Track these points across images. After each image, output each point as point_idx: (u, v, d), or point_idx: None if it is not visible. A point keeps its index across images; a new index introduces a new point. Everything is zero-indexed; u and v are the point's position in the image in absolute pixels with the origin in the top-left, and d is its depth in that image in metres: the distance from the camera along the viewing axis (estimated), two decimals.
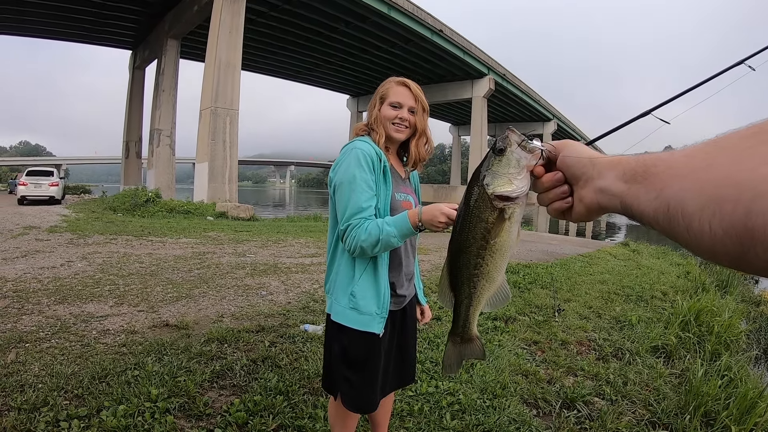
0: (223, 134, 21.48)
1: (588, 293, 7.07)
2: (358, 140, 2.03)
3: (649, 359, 4.43)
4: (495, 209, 0.86)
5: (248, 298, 5.82)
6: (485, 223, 0.87)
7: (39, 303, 5.12)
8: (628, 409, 3.49)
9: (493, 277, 0.96)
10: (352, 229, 1.89)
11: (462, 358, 1.30)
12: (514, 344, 4.54)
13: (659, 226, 0.56)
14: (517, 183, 0.82)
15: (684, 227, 0.51)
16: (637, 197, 0.60)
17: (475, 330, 1.16)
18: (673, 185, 0.53)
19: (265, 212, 30.44)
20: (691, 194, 0.50)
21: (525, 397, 3.53)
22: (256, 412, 2.99)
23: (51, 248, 8.94)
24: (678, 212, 0.51)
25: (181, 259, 8.48)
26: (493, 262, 0.92)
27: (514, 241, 0.90)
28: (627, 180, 0.63)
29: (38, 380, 3.21)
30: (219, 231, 13.36)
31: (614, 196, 0.65)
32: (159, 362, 3.58)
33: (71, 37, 34.30)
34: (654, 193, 0.56)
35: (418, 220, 1.84)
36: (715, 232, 0.46)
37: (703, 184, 0.49)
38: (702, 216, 0.48)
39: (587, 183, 0.72)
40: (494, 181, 0.84)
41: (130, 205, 18.97)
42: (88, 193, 34.87)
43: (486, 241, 0.89)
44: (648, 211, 0.57)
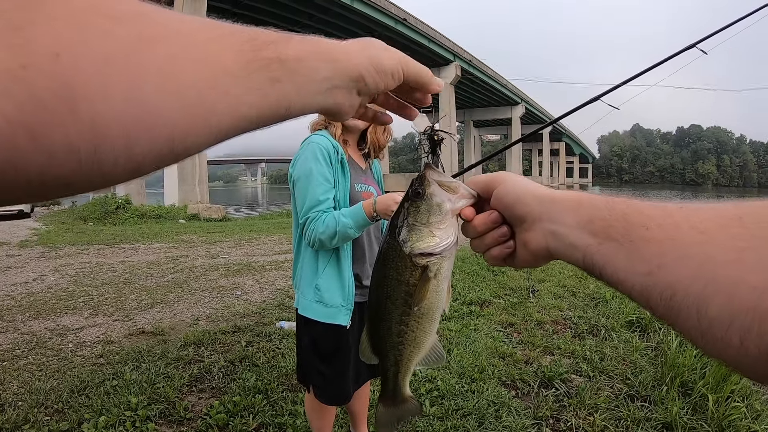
0: None
1: (562, 272, 7.21)
2: (314, 135, 2.09)
3: (624, 334, 4.57)
4: (417, 268, 0.70)
5: (223, 299, 5.87)
6: (406, 286, 0.72)
7: (14, 320, 5.10)
8: (605, 384, 3.61)
9: (421, 342, 0.80)
10: (311, 222, 1.95)
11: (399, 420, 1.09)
12: (490, 327, 4.65)
13: (648, 305, 0.45)
14: (440, 234, 0.69)
15: (698, 329, 0.40)
16: (613, 260, 0.48)
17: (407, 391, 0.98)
18: (682, 270, 0.42)
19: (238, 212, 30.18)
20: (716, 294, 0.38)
21: (503, 379, 3.63)
22: (237, 413, 3.05)
23: (22, 263, 8.82)
24: (690, 309, 0.40)
25: (154, 264, 8.45)
26: (420, 327, 0.77)
27: (443, 301, 0.75)
28: (596, 233, 0.51)
29: (18, 398, 3.23)
30: (191, 233, 13.28)
31: (574, 248, 0.53)
32: (137, 370, 3.62)
33: None
34: (644, 266, 0.45)
35: (373, 210, 1.90)
36: (748, 348, 0.37)
37: (735, 284, 0.37)
38: (731, 326, 0.37)
39: (534, 225, 0.59)
40: (412, 235, 0.70)
41: (101, 214, 18.69)
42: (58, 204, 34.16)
43: (409, 306, 0.73)
44: (633, 285, 0.46)
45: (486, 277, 6.80)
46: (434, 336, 0.82)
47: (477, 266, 7.41)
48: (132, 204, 20.08)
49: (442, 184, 0.70)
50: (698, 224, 0.42)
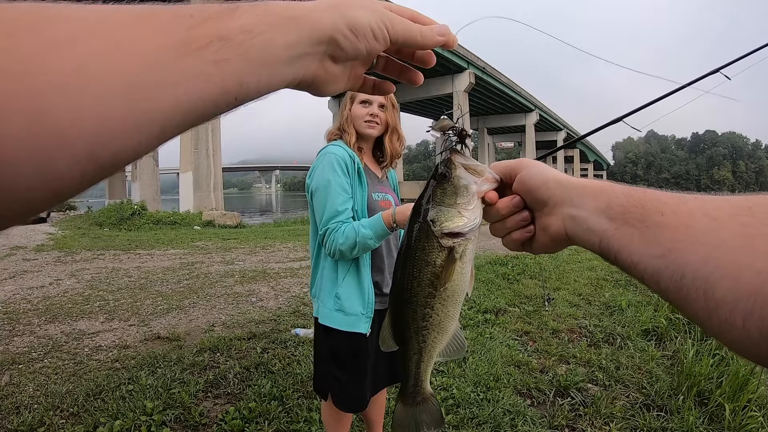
0: (206, 143, 21.38)
1: (577, 281, 7.15)
2: (331, 145, 2.07)
3: (640, 343, 4.50)
4: (443, 249, 0.72)
5: (238, 306, 5.85)
6: (433, 267, 0.73)
7: (30, 323, 5.12)
8: (621, 393, 3.55)
9: (446, 327, 0.80)
10: (330, 233, 1.94)
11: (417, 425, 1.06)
12: (506, 336, 4.60)
13: (658, 288, 0.47)
14: (468, 215, 0.70)
15: (704, 311, 0.42)
16: (629, 244, 0.50)
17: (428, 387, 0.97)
18: (693, 254, 0.43)
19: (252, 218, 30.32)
20: (723, 277, 0.40)
21: (518, 388, 3.58)
22: (252, 419, 3.03)
23: (39, 267, 8.89)
24: (698, 290, 0.42)
25: (169, 270, 8.48)
26: (444, 311, 0.77)
27: (467, 283, 0.76)
28: (614, 218, 0.52)
29: (33, 401, 3.23)
30: (206, 240, 13.33)
31: (592, 232, 0.54)
32: (152, 375, 3.61)
33: None
34: (659, 249, 0.46)
35: (392, 220, 1.88)
36: (749, 329, 0.38)
37: (741, 268, 0.39)
38: (735, 308, 0.39)
39: (554, 209, 0.61)
40: (440, 216, 0.71)
41: (116, 219, 18.83)
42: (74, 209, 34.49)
43: (435, 287, 0.74)
44: (645, 268, 0.48)
45: (501, 285, 6.74)
46: (457, 323, 0.82)
47: (492, 274, 7.37)
48: (147, 210, 20.23)
49: (467, 167, 0.71)
50: (711, 212, 0.44)
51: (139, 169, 27.46)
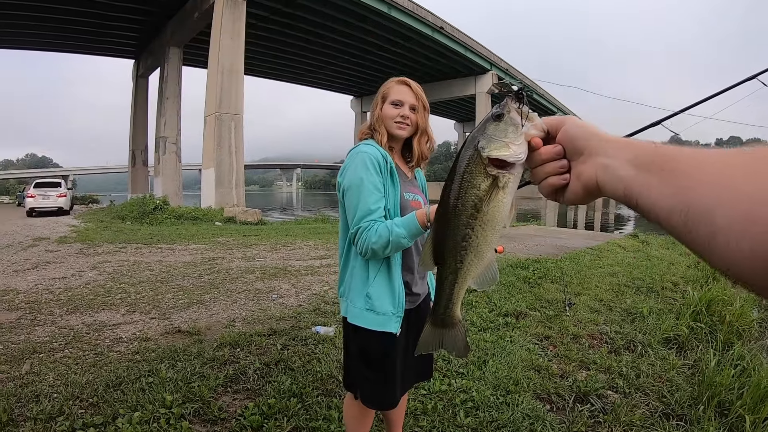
0: (229, 140, 21.53)
1: (598, 286, 7.02)
2: (363, 144, 2.05)
3: (661, 351, 4.39)
4: (488, 176, 0.79)
5: (259, 302, 5.84)
6: (477, 190, 0.80)
7: (51, 313, 5.15)
8: (641, 401, 3.47)
9: (482, 252, 0.87)
10: (363, 232, 1.91)
11: (440, 345, 1.17)
12: (526, 339, 4.52)
13: (670, 226, 0.52)
14: (514, 148, 0.77)
15: (705, 238, 0.47)
16: (648, 188, 0.55)
17: (458, 313, 1.07)
18: (699, 188, 0.48)
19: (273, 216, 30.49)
20: (721, 204, 0.45)
21: (538, 392, 3.51)
22: (271, 416, 2.99)
23: (61, 259, 8.99)
24: (701, 220, 0.47)
25: (190, 265, 8.52)
26: (483, 234, 0.84)
27: (506, 214, 0.83)
28: (638, 166, 0.57)
29: (53, 390, 3.22)
30: (227, 236, 13.39)
31: (619, 179, 0.60)
32: (172, 368, 3.59)
33: (73, 48, 34.49)
34: (672, 189, 0.51)
35: (427, 219, 1.85)
36: (742, 250, 0.43)
37: (737, 197, 0.44)
38: (730, 230, 0.44)
39: (589, 158, 0.67)
40: (490, 144, 0.78)
41: (139, 213, 19.05)
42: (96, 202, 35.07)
43: (477, 210, 0.81)
44: (662, 207, 0.52)
45: (522, 289, 6.63)
46: (493, 253, 0.89)
47: (513, 277, 7.27)
48: (169, 205, 20.46)
49: (520, 112, 0.78)
50: (720, 155, 0.49)
51: (162, 164, 27.80)
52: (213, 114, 21.53)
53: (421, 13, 30.80)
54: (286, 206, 59.52)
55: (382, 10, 28.16)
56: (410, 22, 30.35)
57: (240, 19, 22.36)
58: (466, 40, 35.55)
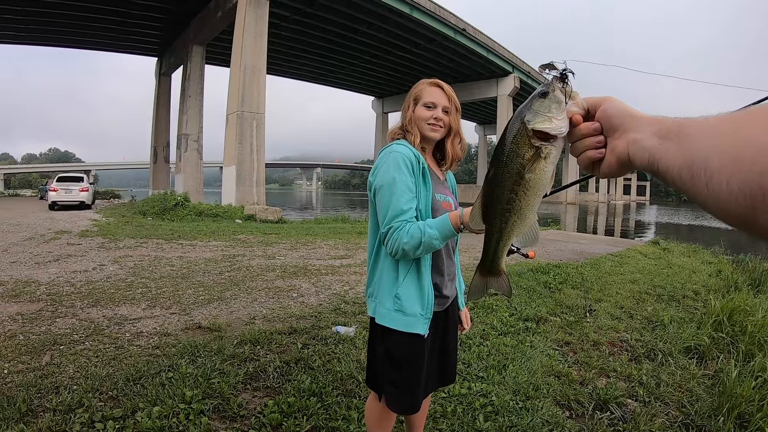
0: (250, 138, 21.63)
1: (619, 293, 6.91)
2: (395, 143, 2.02)
3: (681, 360, 4.30)
4: (532, 147, 0.88)
5: (279, 300, 5.81)
6: (522, 159, 0.89)
7: (72, 306, 5.16)
8: (661, 410, 3.40)
9: (525, 215, 0.97)
10: (394, 232, 1.88)
11: (487, 289, 1.37)
12: (546, 345, 4.45)
13: (681, 182, 0.59)
14: (556, 123, 0.84)
15: (704, 183, 0.54)
16: (666, 152, 0.62)
17: (502, 265, 1.22)
18: (700, 144, 0.56)
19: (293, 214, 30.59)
20: (715, 152, 0.53)
21: (558, 399, 3.45)
22: (290, 414, 2.96)
23: (83, 252, 9.07)
24: (701, 168, 0.55)
25: (211, 261, 8.53)
26: (525, 198, 0.94)
27: (547, 181, 0.92)
28: (661, 136, 0.64)
29: (73, 382, 3.22)
30: (248, 234, 13.44)
31: (645, 149, 0.67)
32: (193, 364, 3.57)
33: (97, 45, 35.03)
34: (682, 150, 0.59)
35: (460, 222, 1.82)
36: (731, 188, 0.50)
37: (728, 143, 0.52)
38: (722, 172, 0.52)
39: (622, 134, 0.73)
40: (535, 118, 0.86)
41: (160, 209, 19.22)
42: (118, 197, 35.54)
43: (521, 176, 0.90)
44: (673, 166, 0.60)
45: (543, 294, 6.54)
46: (534, 215, 1.00)
47: (534, 282, 7.17)
48: (190, 202, 20.62)
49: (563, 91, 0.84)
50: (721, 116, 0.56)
51: (184, 161, 28.03)
52: (235, 112, 21.65)
53: (443, 15, 30.75)
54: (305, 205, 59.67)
55: (404, 11, 28.18)
56: (432, 23, 30.33)
57: (263, 19, 22.46)
58: (488, 42, 35.45)
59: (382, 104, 51.20)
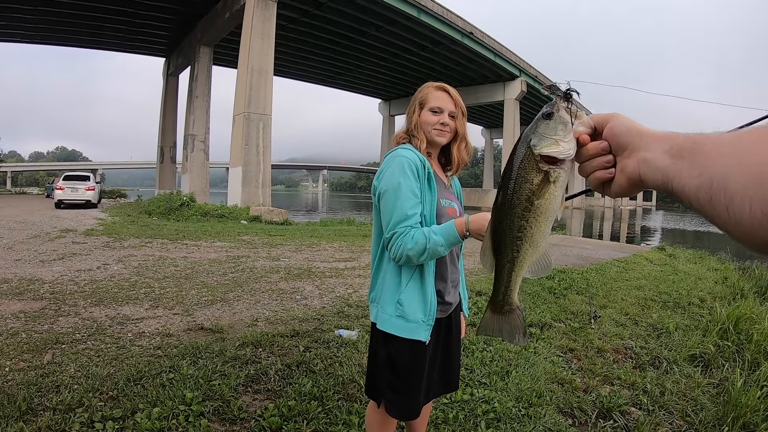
0: (257, 139, 21.68)
1: (624, 299, 6.87)
2: (401, 148, 2.01)
3: (686, 368, 4.26)
4: (540, 171, 0.85)
5: (282, 303, 5.80)
6: (530, 185, 0.87)
7: (75, 305, 5.17)
8: (665, 419, 3.37)
9: (537, 242, 0.94)
10: (398, 238, 1.86)
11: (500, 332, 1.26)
12: (550, 351, 4.42)
13: (699, 204, 0.56)
14: (563, 145, 0.82)
15: (724, 205, 0.51)
16: (680, 172, 0.59)
17: (516, 299, 1.14)
18: (718, 163, 0.53)
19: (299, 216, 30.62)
20: (735, 172, 0.50)
21: (561, 406, 3.43)
22: (291, 418, 2.94)
23: (87, 251, 9.09)
24: (721, 190, 0.51)
25: (215, 262, 8.53)
26: (537, 225, 0.91)
27: (557, 206, 0.90)
28: (673, 155, 0.62)
29: (74, 381, 3.22)
30: (253, 235, 13.45)
31: (657, 169, 0.64)
32: (194, 365, 3.56)
33: (106, 45, 35.20)
34: (698, 169, 0.56)
35: (465, 229, 1.81)
36: (755, 212, 0.47)
37: (748, 163, 0.49)
38: (744, 195, 0.48)
39: (632, 153, 0.70)
40: (541, 142, 0.84)
41: (165, 209, 19.25)
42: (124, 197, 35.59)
43: (531, 203, 0.88)
44: (690, 187, 0.57)
45: (547, 299, 6.50)
46: (546, 242, 0.96)
47: (538, 287, 7.13)
48: (196, 202, 20.65)
49: (568, 111, 0.83)
50: (738, 133, 0.53)
51: (190, 161, 28.12)
52: (242, 113, 21.71)
53: (451, 18, 30.77)
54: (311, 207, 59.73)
55: (412, 14, 28.21)
56: (439, 27, 30.35)
57: (270, 21, 22.53)
58: (495, 45, 35.44)
59: (389, 107, 51.25)
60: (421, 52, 34.81)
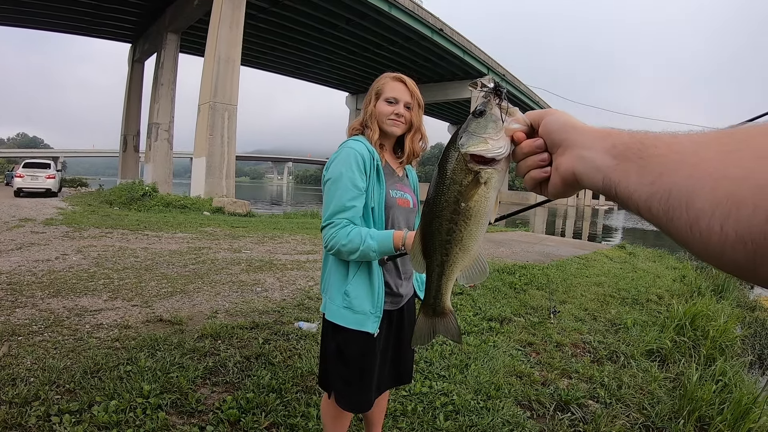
0: (222, 129, 21.42)
1: (584, 295, 7.04)
2: (351, 140, 2.03)
3: (644, 363, 4.40)
4: (470, 172, 0.81)
5: (243, 295, 5.81)
6: (459, 186, 0.83)
7: (33, 296, 5.10)
8: (622, 412, 3.47)
9: (467, 246, 0.90)
10: (333, 228, 1.89)
11: (434, 333, 1.21)
12: (509, 345, 4.52)
13: (651, 215, 0.51)
14: (492, 144, 0.78)
15: (686, 223, 0.45)
16: (627, 176, 0.54)
17: (448, 304, 1.10)
18: (677, 173, 0.47)
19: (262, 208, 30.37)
20: (702, 188, 0.44)
21: (519, 399, 3.51)
22: (249, 410, 2.97)
23: (46, 241, 8.91)
24: (681, 205, 0.46)
25: (176, 253, 8.47)
26: (467, 229, 0.86)
27: (490, 209, 0.85)
28: (616, 155, 0.56)
29: (30, 374, 3.19)
30: (215, 226, 13.34)
31: (596, 169, 0.59)
32: (152, 358, 3.57)
33: (71, 29, 34.17)
34: (650, 176, 0.51)
35: (401, 243, 1.83)
36: (727, 234, 0.42)
37: (718, 178, 0.43)
38: (713, 214, 0.42)
39: (566, 150, 0.66)
40: (469, 141, 0.80)
41: (127, 199, 18.95)
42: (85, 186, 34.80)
43: (459, 205, 0.84)
44: (639, 195, 0.52)
45: (507, 294, 6.64)
46: (479, 246, 0.91)
47: (499, 282, 7.28)
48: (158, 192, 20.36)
49: (502, 108, 0.80)
50: (697, 138, 0.48)
51: (153, 151, 27.64)
52: (207, 103, 21.41)
53: (422, 14, 30.78)
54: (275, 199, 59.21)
55: (383, 8, 28.13)
56: (410, 22, 30.33)
57: (240, 9, 22.24)
58: (465, 43, 35.58)
59: (356, 100, 51.01)
60: (390, 47, 34.73)
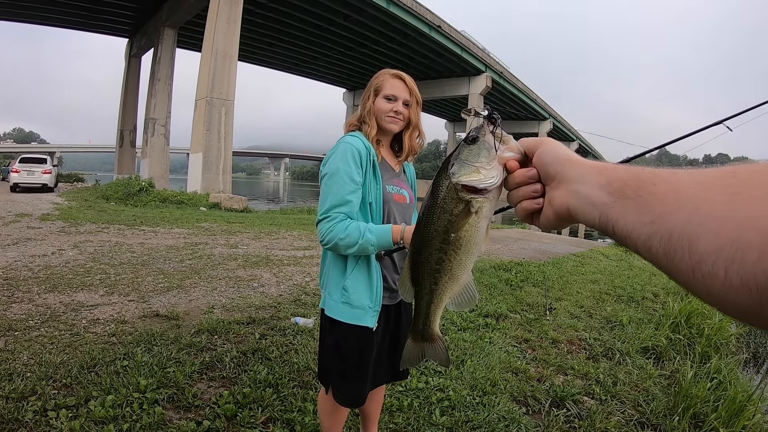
0: (218, 125, 21.39)
1: (580, 293, 7.07)
2: (348, 135, 2.03)
3: (639, 360, 4.42)
4: (461, 201, 0.79)
5: (239, 290, 5.81)
6: (449, 215, 0.81)
7: (29, 291, 5.09)
8: (617, 409, 3.49)
9: (457, 275, 0.88)
10: (331, 222, 1.90)
11: (422, 357, 1.22)
12: (505, 342, 4.53)
13: (649, 254, 0.50)
14: (484, 173, 0.76)
15: (689, 266, 0.44)
16: (624, 215, 0.53)
17: (436, 330, 1.09)
18: (679, 214, 0.46)
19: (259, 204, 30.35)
20: (705, 231, 0.43)
21: (515, 395, 3.52)
22: (245, 405, 2.98)
23: (42, 236, 8.90)
24: (684, 247, 0.45)
25: (173, 249, 8.46)
26: (456, 258, 0.85)
27: (481, 238, 0.83)
28: (613, 192, 0.55)
29: (27, 369, 3.19)
30: (212, 222, 13.33)
31: (593, 206, 0.58)
32: (148, 353, 3.57)
33: (68, 24, 34.08)
34: (650, 216, 0.49)
35: (400, 237, 1.85)
36: (732, 279, 0.40)
37: (722, 222, 0.42)
38: (717, 259, 0.41)
39: (560, 184, 0.65)
40: (461, 170, 0.78)
41: (123, 194, 18.92)
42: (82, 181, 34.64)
43: (449, 234, 0.82)
44: (638, 235, 0.50)
45: (504, 291, 6.67)
46: (469, 274, 0.90)
47: (495, 279, 7.31)
48: (155, 188, 20.34)
49: (496, 136, 0.78)
50: (698, 177, 0.47)
51: (150, 146, 27.58)
52: (204, 98, 21.38)
53: (420, 11, 30.75)
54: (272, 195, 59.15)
55: (381, 4, 28.10)
56: (408, 19, 30.29)
57: (237, 4, 22.20)
58: (462, 40, 35.55)
59: (353, 97, 50.94)
60: (388, 44, 34.69)
